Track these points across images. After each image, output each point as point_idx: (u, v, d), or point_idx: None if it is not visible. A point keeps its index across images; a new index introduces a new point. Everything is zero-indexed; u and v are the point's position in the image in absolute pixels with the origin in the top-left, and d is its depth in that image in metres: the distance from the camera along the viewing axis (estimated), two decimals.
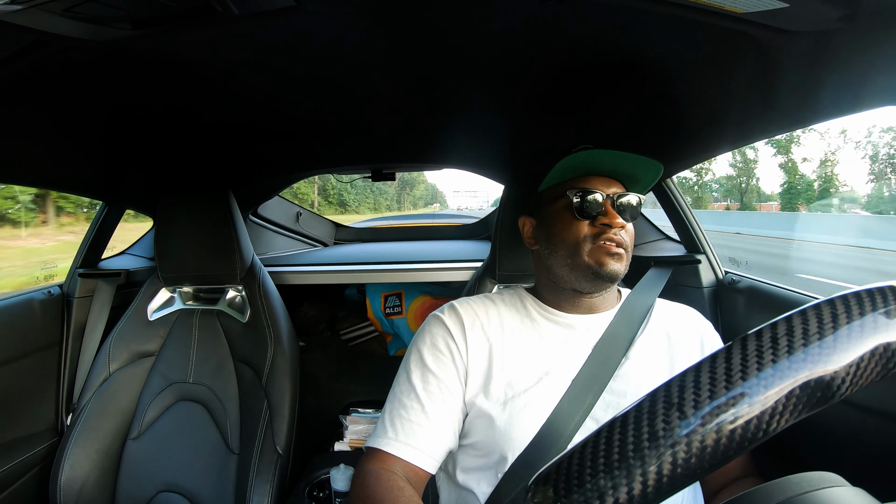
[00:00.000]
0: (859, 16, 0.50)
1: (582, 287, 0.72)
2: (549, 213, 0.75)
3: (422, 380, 0.69)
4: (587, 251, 0.70)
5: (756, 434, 0.21)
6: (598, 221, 0.70)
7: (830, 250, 8.32)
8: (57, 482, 1.03)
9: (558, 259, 0.73)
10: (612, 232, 0.69)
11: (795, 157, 16.22)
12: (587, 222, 0.71)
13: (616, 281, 0.71)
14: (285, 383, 1.09)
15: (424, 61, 0.80)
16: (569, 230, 0.72)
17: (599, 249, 0.69)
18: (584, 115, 1.05)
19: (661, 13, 0.57)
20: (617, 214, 0.70)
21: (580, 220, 0.71)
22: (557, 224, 0.74)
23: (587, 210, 0.71)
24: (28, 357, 1.13)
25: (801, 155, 15.93)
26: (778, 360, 0.21)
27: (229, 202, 1.18)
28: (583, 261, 0.70)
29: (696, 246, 1.15)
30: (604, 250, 0.69)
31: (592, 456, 0.22)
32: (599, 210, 0.71)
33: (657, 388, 0.23)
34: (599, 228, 0.70)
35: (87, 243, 1.29)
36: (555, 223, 0.74)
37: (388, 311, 1.77)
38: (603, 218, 0.70)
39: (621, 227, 0.70)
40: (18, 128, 0.86)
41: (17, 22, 0.55)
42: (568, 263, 0.72)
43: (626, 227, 0.71)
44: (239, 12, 0.57)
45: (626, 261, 0.71)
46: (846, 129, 15.69)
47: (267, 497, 0.99)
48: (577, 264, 0.70)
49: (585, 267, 0.70)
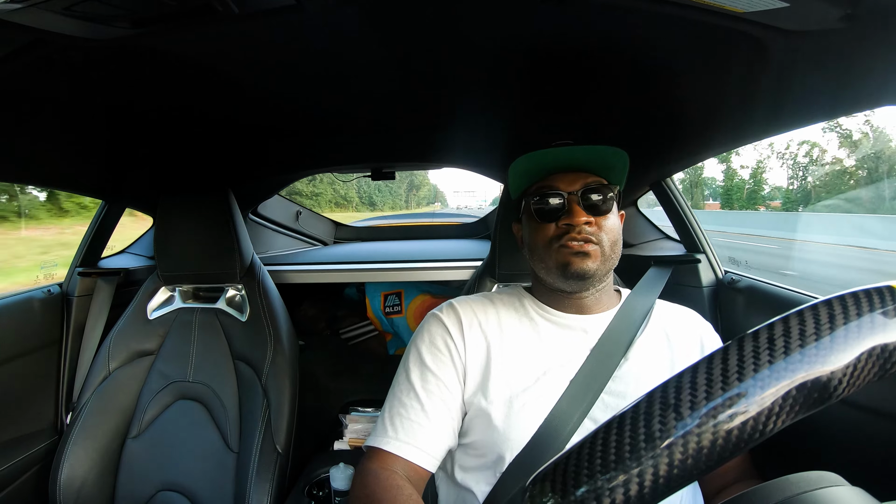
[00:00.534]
0: (859, 16, 0.49)
1: (562, 287, 0.72)
2: (524, 219, 0.76)
3: (421, 378, 0.69)
4: (553, 251, 0.70)
5: (753, 435, 0.21)
6: (560, 222, 0.70)
7: (742, 239, 9.19)
8: (56, 481, 1.03)
9: (535, 263, 0.74)
10: (575, 231, 0.68)
11: (734, 165, 19.09)
12: (553, 224, 0.71)
13: (589, 278, 0.70)
14: (285, 382, 1.10)
15: (424, 61, 0.80)
16: (537, 234, 0.72)
17: (563, 249, 0.69)
18: (581, 115, 1.05)
19: (662, 13, 0.57)
20: (582, 211, 0.69)
21: (543, 222, 0.71)
22: (528, 229, 0.75)
23: (547, 213, 0.71)
24: (28, 356, 1.13)
25: (738, 163, 19.21)
26: (775, 360, 0.21)
27: (229, 201, 1.18)
28: (551, 261, 0.70)
29: (696, 245, 1.15)
30: (568, 251, 0.69)
31: (590, 456, 0.22)
32: (561, 211, 0.70)
33: (654, 388, 0.23)
34: (563, 229, 0.70)
35: (86, 242, 1.29)
36: (527, 229, 0.75)
37: (388, 310, 1.77)
38: (565, 218, 0.69)
39: (587, 223, 0.69)
40: (18, 127, 0.86)
41: (17, 21, 0.55)
42: (543, 267, 0.72)
43: (599, 222, 0.70)
44: (239, 11, 0.57)
45: (601, 256, 0.69)
46: (773, 142, 18.72)
47: (266, 496, 0.99)
48: (548, 267, 0.71)
49: (555, 268, 0.70)
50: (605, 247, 0.69)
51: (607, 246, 0.70)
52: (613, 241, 0.71)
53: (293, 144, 1.34)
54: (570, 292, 0.72)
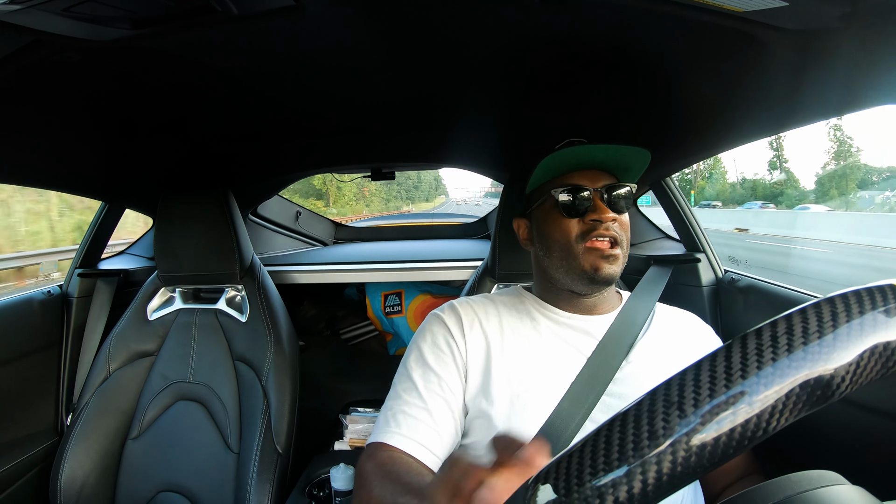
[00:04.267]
0: (859, 15, 0.50)
1: (578, 289, 0.71)
2: (540, 214, 0.75)
3: (423, 377, 0.69)
4: (581, 252, 0.69)
5: (756, 433, 0.21)
6: (587, 217, 0.69)
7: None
8: (57, 482, 1.03)
9: (553, 261, 0.73)
10: (604, 227, 0.68)
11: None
12: (577, 220, 0.70)
13: (612, 283, 0.70)
14: (285, 383, 1.09)
15: (424, 61, 0.80)
16: (560, 230, 0.71)
17: (593, 253, 0.68)
18: (580, 115, 1.05)
19: (661, 13, 0.57)
20: (607, 208, 0.69)
21: (569, 217, 0.70)
22: (548, 224, 0.73)
23: (575, 207, 0.70)
24: (28, 357, 1.13)
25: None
26: (778, 358, 0.21)
27: (229, 202, 1.18)
28: (578, 264, 0.69)
29: (696, 245, 1.15)
30: (598, 253, 0.68)
31: (593, 454, 0.22)
32: (588, 205, 0.69)
33: (657, 386, 0.23)
34: (590, 225, 0.69)
35: (86, 243, 1.29)
36: (546, 224, 0.73)
37: (388, 310, 1.77)
38: (592, 213, 0.69)
39: (612, 220, 0.69)
40: (18, 127, 0.86)
41: (16, 22, 0.55)
42: (563, 266, 0.71)
43: (620, 220, 0.70)
44: (238, 12, 0.57)
45: (622, 259, 0.70)
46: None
47: (267, 496, 0.99)
48: (571, 267, 0.70)
49: (581, 271, 0.69)
50: (624, 247, 0.70)
51: (625, 246, 0.70)
52: (628, 241, 0.72)
53: (293, 145, 1.34)
54: (582, 294, 0.72)
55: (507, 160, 1.43)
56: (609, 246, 0.69)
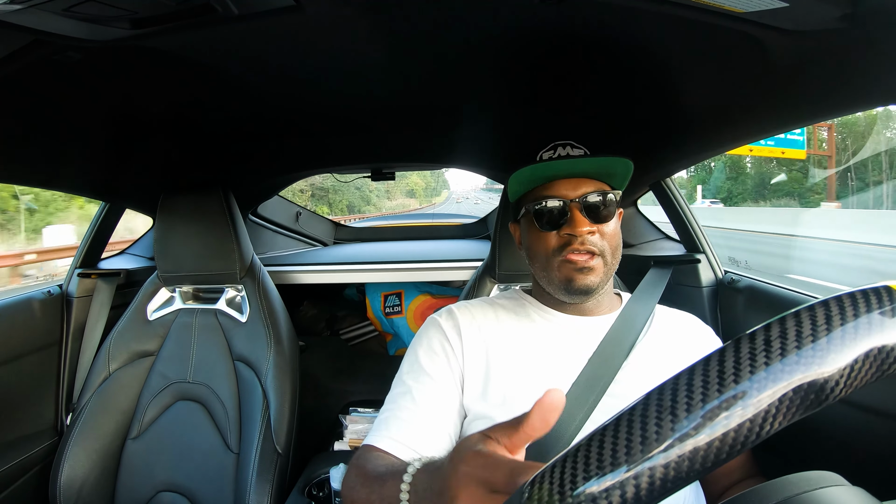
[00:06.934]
0: (859, 15, 0.49)
1: (562, 298, 0.71)
2: (523, 224, 0.75)
3: (416, 381, 0.69)
4: (556, 266, 0.68)
5: (749, 437, 0.21)
6: (562, 231, 0.68)
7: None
8: (57, 482, 1.03)
9: (536, 270, 0.73)
10: (578, 241, 0.67)
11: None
12: (554, 232, 0.69)
13: (592, 293, 0.69)
14: (285, 383, 1.09)
15: (424, 61, 0.80)
16: (537, 243, 0.71)
17: (567, 265, 0.67)
18: (581, 115, 1.05)
19: (661, 13, 0.57)
20: (584, 219, 0.67)
21: (545, 231, 0.69)
22: (529, 236, 0.73)
23: (549, 220, 0.69)
24: (28, 357, 1.13)
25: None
26: (771, 362, 0.21)
27: (229, 202, 1.18)
28: (554, 275, 0.69)
29: (696, 245, 1.15)
30: (571, 266, 0.67)
31: (587, 458, 0.22)
32: (563, 218, 0.68)
33: (651, 390, 0.23)
34: (565, 238, 0.68)
35: (86, 243, 1.29)
36: (527, 235, 0.73)
37: (388, 311, 1.77)
38: (566, 227, 0.67)
39: (591, 232, 0.67)
40: (17, 128, 0.86)
41: (17, 22, 0.55)
42: (544, 276, 0.71)
43: (602, 230, 0.69)
44: (238, 12, 0.57)
45: (604, 269, 0.68)
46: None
47: (266, 496, 0.99)
48: (550, 278, 0.70)
49: (557, 282, 0.69)
50: (606, 256, 0.69)
51: (609, 255, 0.69)
52: (615, 248, 0.70)
53: (293, 145, 1.34)
54: (568, 302, 0.72)
55: (506, 160, 1.43)
56: (587, 258, 0.67)
